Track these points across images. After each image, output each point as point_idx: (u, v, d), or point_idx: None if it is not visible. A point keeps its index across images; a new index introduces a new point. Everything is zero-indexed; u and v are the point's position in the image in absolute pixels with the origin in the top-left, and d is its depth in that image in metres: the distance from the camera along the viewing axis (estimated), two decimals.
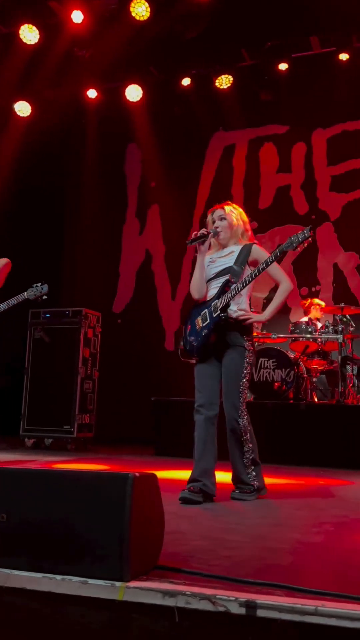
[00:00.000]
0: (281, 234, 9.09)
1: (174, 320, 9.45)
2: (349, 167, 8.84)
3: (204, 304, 3.82)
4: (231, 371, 3.67)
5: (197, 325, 3.76)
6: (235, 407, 3.65)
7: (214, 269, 3.88)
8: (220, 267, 3.83)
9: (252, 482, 3.65)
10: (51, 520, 1.84)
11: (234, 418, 3.66)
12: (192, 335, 3.78)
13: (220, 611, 1.60)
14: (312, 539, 2.54)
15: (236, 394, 3.66)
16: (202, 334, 3.72)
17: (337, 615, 1.51)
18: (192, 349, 3.81)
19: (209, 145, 9.67)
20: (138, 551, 1.75)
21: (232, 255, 3.83)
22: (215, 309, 3.68)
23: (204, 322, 3.73)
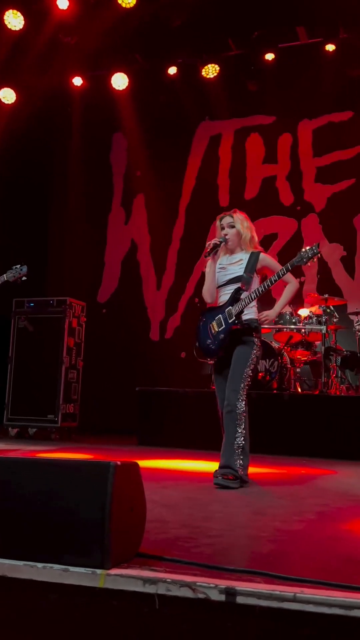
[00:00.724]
0: (267, 225, 9.10)
1: (159, 310, 9.45)
2: (334, 158, 8.86)
3: (216, 309, 4.14)
4: (238, 360, 3.95)
5: (213, 329, 4.10)
6: (236, 391, 3.88)
7: (224, 276, 4.16)
8: (231, 275, 4.12)
9: (238, 469, 3.74)
10: (33, 508, 1.84)
11: (234, 402, 3.87)
12: (209, 339, 4.13)
13: (200, 598, 1.62)
14: (292, 527, 2.56)
15: (239, 380, 3.90)
16: (219, 337, 4.06)
17: (314, 602, 1.53)
18: (210, 351, 4.14)
19: (195, 135, 9.64)
20: (119, 539, 1.76)
21: (241, 263, 4.11)
22: (230, 315, 4.01)
23: (219, 326, 4.07)
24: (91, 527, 1.75)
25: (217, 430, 6.54)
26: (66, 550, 1.76)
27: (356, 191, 8.62)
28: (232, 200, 9.31)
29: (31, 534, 1.82)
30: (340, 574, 1.85)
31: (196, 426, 6.56)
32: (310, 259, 3.93)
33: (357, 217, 8.64)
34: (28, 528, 1.83)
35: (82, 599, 1.73)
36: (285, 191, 9.09)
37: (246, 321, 4.02)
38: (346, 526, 2.67)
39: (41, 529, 1.82)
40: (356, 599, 1.52)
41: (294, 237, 8.92)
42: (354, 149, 8.73)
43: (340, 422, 6.22)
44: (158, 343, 9.34)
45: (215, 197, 9.40)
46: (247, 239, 4.14)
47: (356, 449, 6.03)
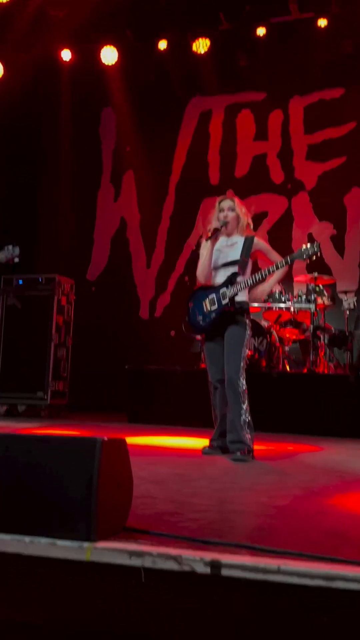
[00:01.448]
0: (257, 203, 9.07)
1: (148, 288, 9.43)
2: (325, 136, 8.82)
3: (211, 289, 4.29)
4: (234, 340, 4.13)
5: (205, 307, 4.27)
6: (236, 370, 4.06)
7: (221, 259, 4.31)
8: (227, 259, 4.27)
9: (247, 442, 3.98)
10: (20, 482, 1.85)
11: (235, 380, 4.05)
12: (200, 315, 4.29)
13: (186, 571, 1.64)
14: (278, 503, 2.59)
15: (238, 358, 4.09)
16: (210, 316, 4.24)
17: (298, 574, 1.56)
18: (199, 328, 4.34)
19: (186, 111, 9.54)
20: (106, 514, 1.78)
21: (237, 246, 4.27)
22: (224, 297, 4.17)
23: (212, 305, 4.23)
24: (78, 502, 1.76)
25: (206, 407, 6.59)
26: (53, 524, 1.78)
27: (347, 169, 8.60)
28: (222, 178, 9.27)
29: (18, 508, 1.83)
30: (324, 546, 1.88)
31: (185, 404, 6.59)
32: (309, 257, 4.14)
33: (348, 196, 8.63)
34: (15, 502, 1.84)
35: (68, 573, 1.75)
36: (275, 169, 9.05)
37: (238, 303, 4.18)
38: (331, 501, 2.71)
39: (28, 504, 1.83)
40: (338, 570, 1.54)
41: (284, 216, 8.91)
42: (345, 126, 8.69)
43: (328, 400, 6.27)
44: (148, 321, 9.34)
45: (205, 174, 9.35)
46: (244, 224, 4.32)
47: (343, 427, 6.10)
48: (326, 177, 8.74)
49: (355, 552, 1.80)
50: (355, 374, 6.48)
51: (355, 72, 8.43)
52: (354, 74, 8.46)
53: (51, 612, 1.78)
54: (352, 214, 8.60)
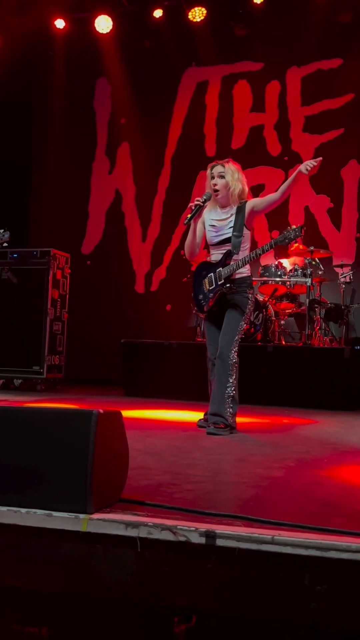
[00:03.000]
0: (253, 175, 8.96)
1: (144, 262, 9.39)
2: (322, 107, 8.71)
3: (210, 266, 4.17)
4: (233, 314, 4.05)
5: (205, 287, 4.19)
6: (229, 343, 3.99)
7: (216, 237, 4.13)
8: (223, 236, 4.09)
9: (227, 417, 3.89)
10: (17, 455, 1.86)
11: (226, 352, 3.97)
12: (201, 294, 4.22)
13: (181, 541, 1.66)
14: (273, 474, 2.62)
15: (234, 332, 4.01)
16: (209, 296, 4.15)
17: (292, 544, 1.58)
18: (200, 307, 4.24)
19: (181, 81, 9.39)
20: (101, 485, 1.79)
21: (230, 221, 4.06)
22: (220, 277, 4.07)
23: (210, 285, 4.15)
24: (74, 474, 1.77)
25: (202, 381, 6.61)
26: (50, 495, 1.79)
27: (344, 142, 8.51)
28: (218, 150, 9.16)
29: (16, 480, 1.84)
30: (318, 517, 1.90)
31: (181, 377, 6.62)
32: (292, 240, 4.00)
33: (345, 169, 8.55)
34: (13, 474, 1.85)
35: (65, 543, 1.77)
36: (272, 141, 8.95)
37: (238, 280, 4.07)
38: (325, 473, 2.73)
39: (25, 476, 1.84)
40: (331, 541, 1.56)
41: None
42: (342, 97, 8.58)
43: (323, 374, 6.30)
44: (143, 295, 9.32)
45: (201, 146, 9.24)
46: (237, 192, 4.03)
47: (337, 400, 6.14)
48: (323, 149, 8.64)
49: (347, 522, 1.82)
50: (351, 347, 6.50)
51: (354, 42, 8.30)
52: (352, 44, 8.33)
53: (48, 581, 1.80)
54: (349, 187, 8.54)
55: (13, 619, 1.84)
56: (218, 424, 3.86)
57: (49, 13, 8.62)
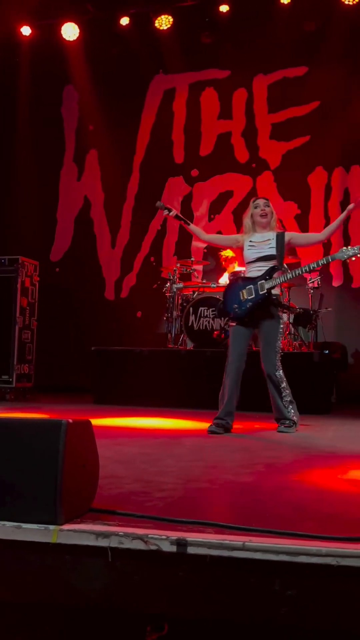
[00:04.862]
0: (222, 183, 9.06)
1: (114, 269, 9.37)
2: (289, 114, 8.82)
3: (248, 280, 4.61)
4: (270, 336, 4.56)
5: (242, 297, 4.57)
6: (273, 364, 4.55)
7: (255, 253, 4.63)
8: (261, 254, 4.59)
9: (292, 417, 4.53)
10: None
11: (273, 371, 4.54)
12: (236, 304, 4.59)
13: (152, 550, 1.65)
14: (243, 479, 2.63)
15: (274, 354, 4.57)
16: (246, 305, 4.54)
17: (262, 550, 1.58)
18: (235, 315, 4.62)
19: (149, 89, 9.44)
20: (72, 496, 1.77)
21: (270, 242, 4.60)
22: (262, 288, 4.50)
23: (249, 295, 4.54)
24: (43, 485, 1.75)
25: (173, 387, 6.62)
26: (19, 507, 1.77)
27: (310, 148, 8.64)
28: (187, 157, 9.22)
29: None
30: (289, 522, 1.91)
31: (152, 384, 6.61)
32: (349, 257, 4.47)
33: (311, 175, 8.67)
34: None
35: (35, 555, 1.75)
36: (240, 148, 9.03)
37: (274, 295, 4.56)
38: (296, 477, 2.75)
39: None
40: (301, 545, 1.57)
41: (249, 195, 8.90)
42: (308, 105, 8.71)
43: (293, 378, 6.30)
44: (114, 302, 9.29)
45: (170, 153, 9.29)
46: (275, 220, 4.72)
47: (308, 403, 6.18)
48: (290, 156, 8.77)
49: (318, 527, 1.84)
50: (320, 352, 6.57)
51: (319, 50, 8.43)
52: (317, 52, 8.46)
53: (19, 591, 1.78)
54: (316, 194, 8.66)
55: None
56: (287, 424, 4.48)
57: (14, 20, 8.57)
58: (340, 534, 1.71)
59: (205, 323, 7.06)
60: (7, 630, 1.81)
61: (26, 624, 1.81)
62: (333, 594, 1.58)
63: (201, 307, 7.06)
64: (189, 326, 7.06)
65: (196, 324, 7.05)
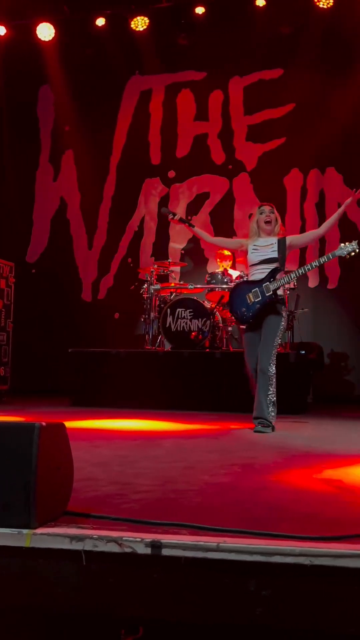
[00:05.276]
0: (199, 184, 9.08)
1: (91, 270, 9.33)
2: (265, 116, 8.87)
3: (252, 283, 4.82)
4: (270, 330, 4.71)
5: (249, 300, 4.79)
6: (268, 357, 4.63)
7: (259, 256, 4.84)
8: (264, 257, 4.81)
9: (270, 420, 4.59)
10: None
11: (266, 366, 4.62)
12: (244, 307, 4.81)
13: (127, 552, 1.64)
14: (219, 480, 2.63)
15: (271, 348, 4.66)
16: (254, 307, 4.76)
17: (237, 550, 1.59)
18: (244, 318, 4.86)
19: (125, 90, 9.42)
20: (45, 499, 1.76)
21: (272, 247, 4.82)
22: (268, 290, 4.71)
23: (255, 298, 4.75)
24: (17, 488, 1.74)
25: (151, 389, 6.61)
26: None
27: (286, 150, 8.69)
28: (163, 158, 9.22)
29: None
30: (265, 522, 1.92)
31: (130, 386, 6.59)
32: (349, 253, 4.61)
33: (287, 177, 8.73)
34: None
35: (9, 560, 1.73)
36: (216, 149, 9.06)
37: (280, 296, 4.76)
38: (272, 477, 2.76)
39: None
40: (275, 545, 1.58)
41: (226, 196, 8.95)
42: (284, 107, 8.76)
43: None
44: (91, 304, 9.25)
45: (146, 154, 9.28)
46: (278, 227, 4.94)
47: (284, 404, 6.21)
48: (266, 158, 8.81)
49: (293, 527, 1.85)
50: (296, 352, 6.61)
51: (294, 53, 8.49)
52: (292, 55, 8.52)
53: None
54: (292, 195, 8.72)
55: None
56: (264, 424, 4.54)
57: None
58: (315, 533, 1.72)
59: (183, 324, 7.06)
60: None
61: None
62: (307, 593, 1.59)
63: (179, 308, 7.06)
64: (167, 327, 7.05)
65: (174, 326, 7.05)
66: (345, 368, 8.40)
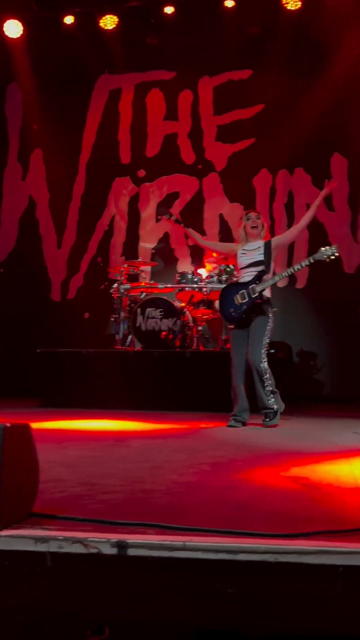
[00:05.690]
0: (169, 184, 9.09)
1: (60, 269, 9.26)
2: (234, 117, 8.91)
3: (240, 285, 5.11)
4: (258, 330, 4.99)
5: (237, 301, 5.07)
6: (259, 355, 4.91)
7: (247, 260, 5.15)
8: (252, 260, 5.10)
9: (273, 406, 4.89)
10: None
11: (258, 363, 4.91)
12: (232, 308, 5.11)
13: (93, 553, 1.64)
14: (187, 479, 2.64)
15: (260, 347, 4.94)
16: (242, 308, 5.05)
17: (202, 549, 1.59)
18: (232, 318, 5.16)
19: (95, 88, 9.37)
20: (10, 500, 1.74)
21: (259, 250, 5.12)
22: (254, 292, 4.99)
23: (242, 299, 5.04)
24: None
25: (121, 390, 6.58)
26: None
27: (255, 151, 8.74)
28: (133, 157, 9.19)
29: None
30: (232, 520, 1.93)
31: (100, 386, 6.56)
32: (329, 257, 4.82)
33: (256, 177, 8.78)
34: None
35: None
36: (186, 149, 9.07)
37: (265, 297, 5.03)
38: (240, 476, 2.78)
39: None
40: (240, 543, 1.59)
41: (195, 196, 8.96)
42: (253, 108, 8.81)
43: None
44: (60, 303, 9.18)
45: (116, 153, 9.25)
46: (264, 231, 5.24)
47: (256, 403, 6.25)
48: (235, 158, 8.85)
49: (260, 525, 1.86)
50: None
51: (263, 54, 8.53)
52: (261, 56, 8.56)
53: None
54: (261, 195, 8.77)
55: None
56: (268, 414, 4.86)
57: None
58: (281, 531, 1.74)
59: (153, 324, 7.05)
60: None
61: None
62: (272, 590, 1.60)
63: (149, 308, 7.06)
64: (137, 327, 7.04)
65: (144, 325, 7.04)
66: (314, 367, 8.48)
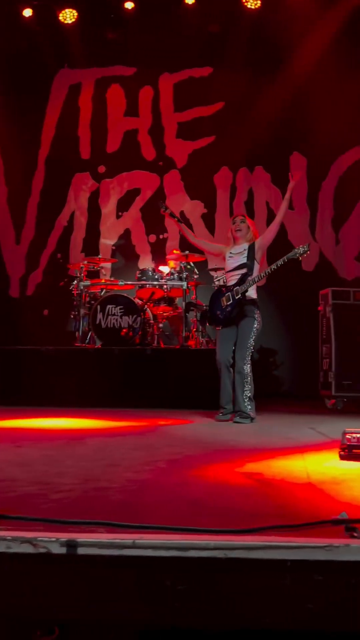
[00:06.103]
0: (129, 180, 9.05)
1: (18, 265, 9.13)
2: (195, 114, 8.92)
3: (227, 289, 5.38)
4: (244, 333, 5.21)
5: (223, 304, 5.36)
6: (243, 358, 5.14)
7: (233, 263, 5.40)
8: (238, 263, 5.36)
9: (249, 412, 5.08)
10: None
11: (242, 365, 5.12)
12: (218, 310, 5.40)
13: (42, 552, 1.61)
14: (143, 477, 2.63)
15: (245, 349, 5.17)
16: (227, 310, 5.33)
17: (153, 546, 1.58)
18: (218, 320, 5.42)
19: (54, 83, 9.25)
20: None
21: (244, 253, 5.34)
22: (237, 293, 5.26)
23: (228, 301, 5.32)
24: None
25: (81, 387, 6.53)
26: None
27: (216, 148, 8.77)
28: (93, 153, 9.12)
29: None
30: (184, 517, 1.93)
31: (58, 384, 6.49)
32: (301, 255, 5.08)
33: (217, 175, 8.81)
34: None
35: None
36: (147, 145, 9.04)
37: (249, 297, 5.24)
38: (195, 472, 2.78)
39: None
40: (191, 540, 1.59)
41: (157, 193, 8.93)
42: (213, 105, 8.84)
43: (200, 374, 6.41)
44: (18, 300, 9.05)
45: (76, 148, 9.16)
46: (250, 234, 5.41)
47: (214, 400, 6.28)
48: (196, 155, 8.86)
49: (212, 521, 1.87)
50: None
51: (223, 52, 8.55)
52: (221, 54, 8.58)
53: None
54: (221, 193, 8.81)
55: None
56: (243, 416, 5.03)
57: None
58: (233, 526, 1.74)
59: (113, 321, 7.02)
60: None
61: None
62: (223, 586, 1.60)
63: (109, 305, 7.02)
64: (97, 324, 6.99)
65: (104, 322, 7.00)
66: (273, 363, 8.56)
